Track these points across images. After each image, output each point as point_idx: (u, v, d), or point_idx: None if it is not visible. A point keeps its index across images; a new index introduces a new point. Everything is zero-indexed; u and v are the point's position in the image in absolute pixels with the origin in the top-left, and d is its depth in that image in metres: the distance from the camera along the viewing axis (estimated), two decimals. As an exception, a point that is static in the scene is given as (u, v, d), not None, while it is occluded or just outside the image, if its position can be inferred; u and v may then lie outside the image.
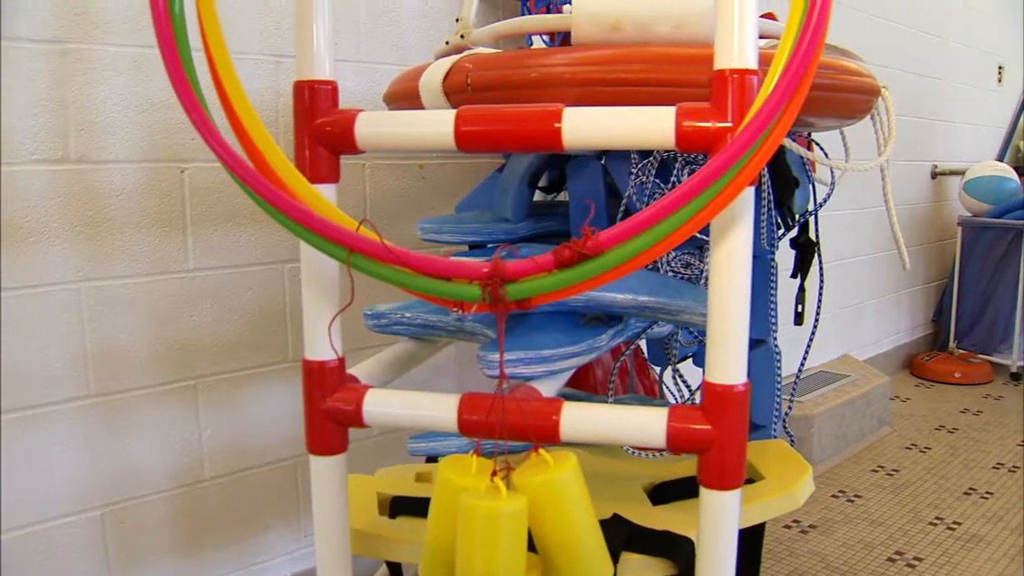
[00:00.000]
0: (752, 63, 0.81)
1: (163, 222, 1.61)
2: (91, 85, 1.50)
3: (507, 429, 0.89)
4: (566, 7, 1.14)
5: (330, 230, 0.81)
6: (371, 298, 1.78)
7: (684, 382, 1.48)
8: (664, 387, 1.92)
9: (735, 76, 0.81)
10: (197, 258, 1.67)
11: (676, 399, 1.69)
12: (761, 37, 1.13)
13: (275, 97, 1.73)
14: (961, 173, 4.38)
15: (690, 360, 1.53)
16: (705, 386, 0.88)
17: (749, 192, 0.84)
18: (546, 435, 0.90)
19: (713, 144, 0.81)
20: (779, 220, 1.39)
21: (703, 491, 0.89)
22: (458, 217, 1.36)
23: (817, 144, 1.45)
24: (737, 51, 0.81)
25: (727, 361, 0.86)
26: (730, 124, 0.81)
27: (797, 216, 1.42)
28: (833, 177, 1.44)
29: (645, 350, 1.77)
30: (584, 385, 1.82)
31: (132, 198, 1.57)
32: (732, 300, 0.85)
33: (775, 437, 1.44)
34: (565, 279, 0.77)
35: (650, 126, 0.83)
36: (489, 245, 1.37)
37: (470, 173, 2.07)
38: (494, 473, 0.85)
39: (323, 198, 0.84)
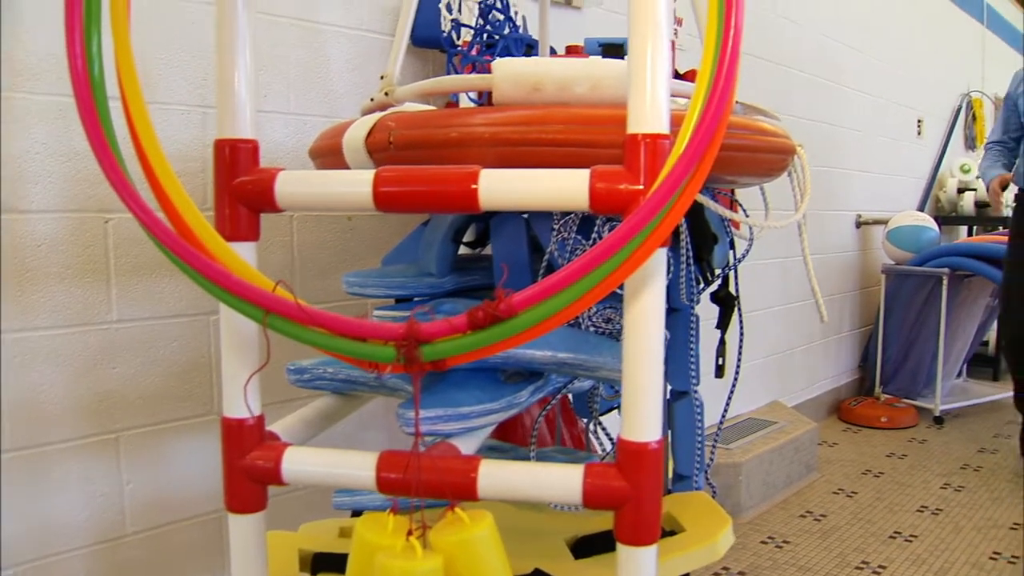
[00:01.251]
0: (663, 127, 0.84)
1: (86, 273, 1.59)
2: (15, 134, 1.49)
3: (424, 487, 0.89)
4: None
5: (246, 291, 0.81)
6: (297, 351, 1.77)
7: (607, 435, 1.49)
8: (591, 438, 1.93)
9: (647, 140, 0.83)
10: (121, 309, 1.65)
11: (600, 450, 1.70)
12: (679, 96, 1.16)
13: (202, 148, 1.72)
14: (884, 222, 4.51)
15: (616, 411, 1.54)
16: (620, 444, 0.89)
17: (661, 252, 0.87)
18: (464, 492, 0.90)
19: (626, 206, 0.84)
20: (699, 275, 1.42)
21: (620, 547, 0.90)
22: (383, 271, 1.37)
23: (738, 203, 1.49)
24: (648, 116, 0.83)
25: (641, 419, 0.88)
26: (642, 187, 0.83)
27: (716, 271, 1.45)
28: (752, 233, 1.47)
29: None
30: (512, 435, 1.82)
31: (55, 248, 1.55)
32: (646, 358, 0.87)
33: (698, 487, 1.46)
34: (479, 340, 0.78)
35: (565, 188, 0.85)
36: (415, 299, 1.37)
37: (398, 224, 2.08)
38: (410, 532, 0.85)
39: (240, 259, 0.84)
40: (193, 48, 1.70)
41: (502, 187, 0.86)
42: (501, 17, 1.47)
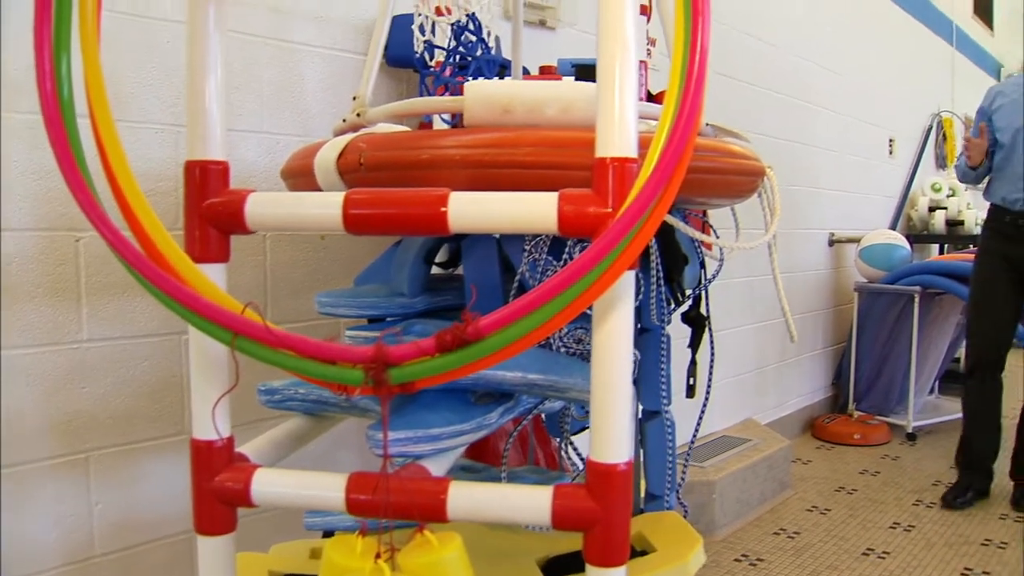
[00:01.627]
0: (631, 151, 0.84)
1: (57, 291, 1.58)
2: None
3: (393, 509, 0.89)
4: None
5: (215, 313, 0.81)
6: (268, 372, 1.77)
7: (578, 454, 1.50)
8: (563, 457, 1.93)
9: (615, 164, 0.84)
10: (91, 328, 1.64)
11: (573, 469, 1.70)
12: (650, 119, 1.17)
13: (175, 167, 1.72)
14: (857, 241, 4.55)
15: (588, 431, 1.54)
16: (589, 465, 0.89)
17: (629, 275, 0.87)
18: (433, 514, 0.90)
19: (595, 229, 0.84)
20: (669, 295, 1.43)
21: (589, 568, 0.91)
22: (356, 291, 1.37)
23: (710, 224, 1.50)
24: (616, 140, 0.84)
25: (610, 440, 0.88)
26: (610, 210, 0.84)
27: (687, 291, 1.46)
28: (722, 254, 1.48)
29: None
30: (485, 455, 1.82)
31: (25, 267, 1.54)
32: (614, 380, 0.87)
33: (670, 507, 1.46)
34: (447, 363, 0.78)
35: (533, 211, 0.86)
36: (388, 319, 1.37)
37: (371, 244, 2.08)
38: (378, 555, 0.85)
39: (209, 280, 0.84)
40: (167, 67, 1.70)
41: (471, 210, 0.87)
42: (474, 38, 1.48)
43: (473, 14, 1.47)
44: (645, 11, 1.83)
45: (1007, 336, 3.20)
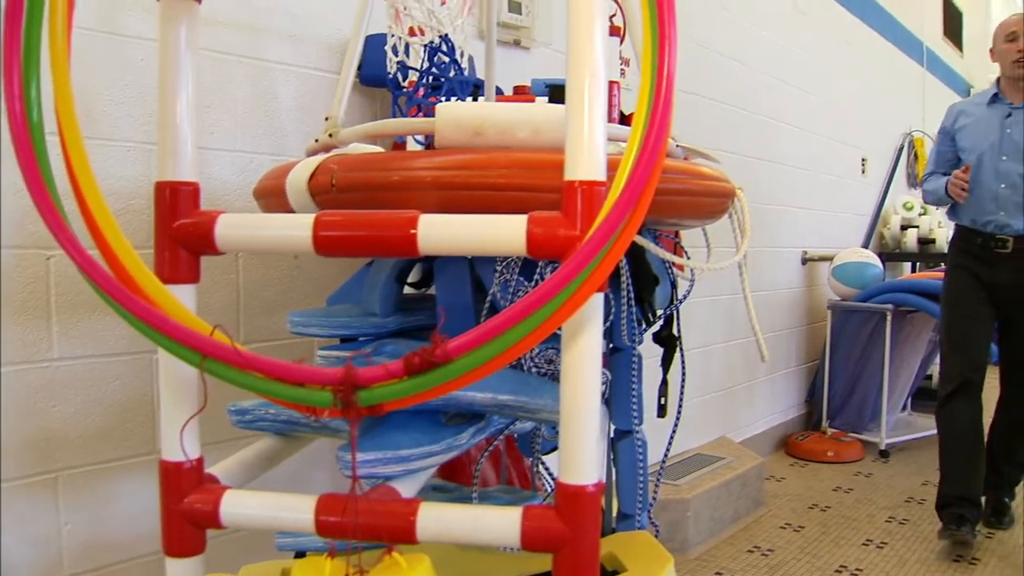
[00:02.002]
0: (599, 175, 0.85)
1: (27, 309, 1.57)
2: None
3: (362, 530, 0.89)
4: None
5: (183, 335, 0.81)
6: (240, 392, 1.76)
7: (550, 474, 1.50)
8: (536, 476, 1.93)
9: (583, 187, 0.85)
10: (62, 347, 1.63)
11: (546, 488, 1.70)
12: (620, 140, 1.18)
13: (148, 185, 1.71)
14: (829, 259, 4.59)
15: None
16: (558, 486, 0.90)
17: (598, 297, 0.88)
18: (402, 536, 0.90)
19: (564, 251, 0.85)
20: (640, 316, 1.43)
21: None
22: (328, 310, 1.37)
23: (681, 246, 1.51)
24: (584, 164, 0.85)
25: (579, 462, 0.89)
26: (579, 232, 0.84)
27: (658, 311, 1.47)
28: (693, 275, 1.49)
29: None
30: (458, 474, 1.82)
31: (-6, 285, 1.53)
32: (583, 402, 0.88)
33: (641, 526, 1.47)
34: (415, 386, 0.78)
35: (502, 234, 0.86)
36: (360, 339, 1.37)
37: (344, 264, 2.07)
38: (347, 577, 0.85)
39: (177, 302, 0.84)
40: (140, 85, 1.70)
41: (440, 232, 0.87)
42: (447, 59, 1.49)
43: (446, 35, 1.48)
44: (618, 32, 1.84)
45: (985, 358, 3.08)
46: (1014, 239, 2.97)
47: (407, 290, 1.46)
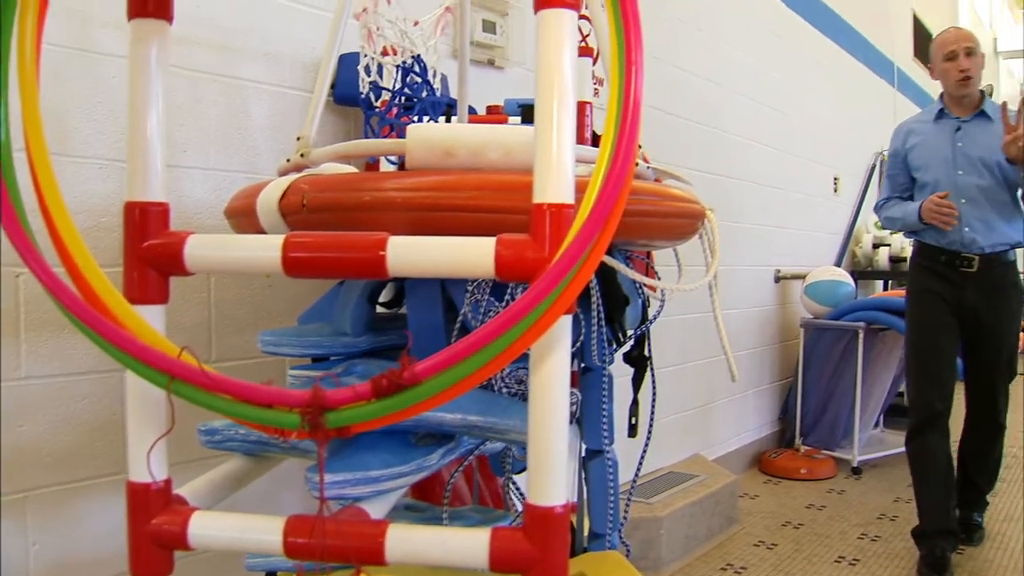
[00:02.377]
0: (567, 198, 0.86)
1: (-5, 329, 1.56)
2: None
3: (330, 552, 0.89)
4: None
5: (151, 356, 0.81)
6: (208, 412, 1.75)
7: (520, 494, 1.50)
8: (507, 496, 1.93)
9: (551, 210, 0.85)
10: (29, 365, 1.61)
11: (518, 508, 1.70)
12: (590, 162, 1.19)
13: (119, 202, 1.69)
14: (802, 277, 4.62)
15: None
16: (526, 507, 0.90)
17: (566, 319, 0.88)
18: (371, 557, 0.90)
19: (532, 273, 0.85)
20: (611, 336, 1.44)
21: (527, 610, 0.91)
22: (299, 330, 1.37)
23: (652, 267, 1.52)
24: (553, 187, 0.86)
25: (547, 483, 0.89)
26: (547, 255, 0.85)
27: (629, 332, 1.48)
28: (663, 295, 1.50)
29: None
30: (430, 494, 1.81)
31: (-38, 303, 1.52)
32: (551, 423, 0.88)
33: (612, 546, 1.47)
34: (383, 408, 0.79)
35: (471, 256, 0.87)
36: (332, 358, 1.37)
37: (317, 283, 2.07)
38: (314, 600, 0.85)
39: (145, 323, 0.84)
40: (112, 103, 1.69)
41: (410, 254, 0.88)
42: (419, 80, 1.50)
43: (419, 55, 1.49)
44: (590, 52, 1.86)
45: (952, 381, 3.04)
46: (980, 258, 2.95)
47: (379, 309, 1.47)
